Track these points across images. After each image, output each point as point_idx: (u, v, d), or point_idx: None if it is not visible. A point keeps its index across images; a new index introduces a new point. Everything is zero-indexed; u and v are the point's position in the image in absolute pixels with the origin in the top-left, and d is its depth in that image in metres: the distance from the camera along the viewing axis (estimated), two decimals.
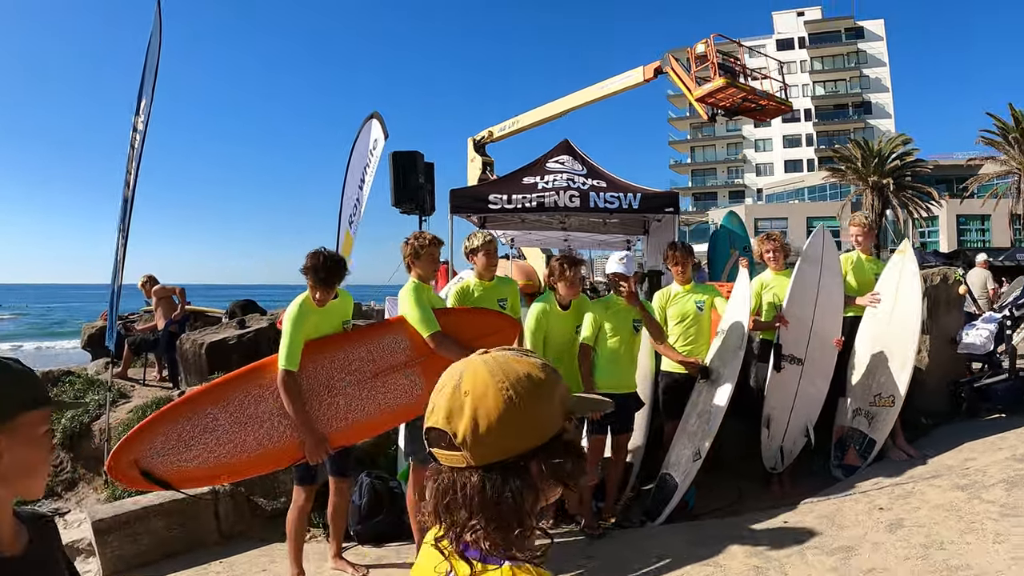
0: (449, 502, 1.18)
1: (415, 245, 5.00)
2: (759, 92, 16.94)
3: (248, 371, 4.50)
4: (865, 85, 72.46)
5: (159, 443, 4.15)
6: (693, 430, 5.87)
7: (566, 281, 5.54)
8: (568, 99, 17.35)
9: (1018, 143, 38.97)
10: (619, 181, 14.30)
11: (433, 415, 1.22)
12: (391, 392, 4.73)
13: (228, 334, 8.84)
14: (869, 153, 44.46)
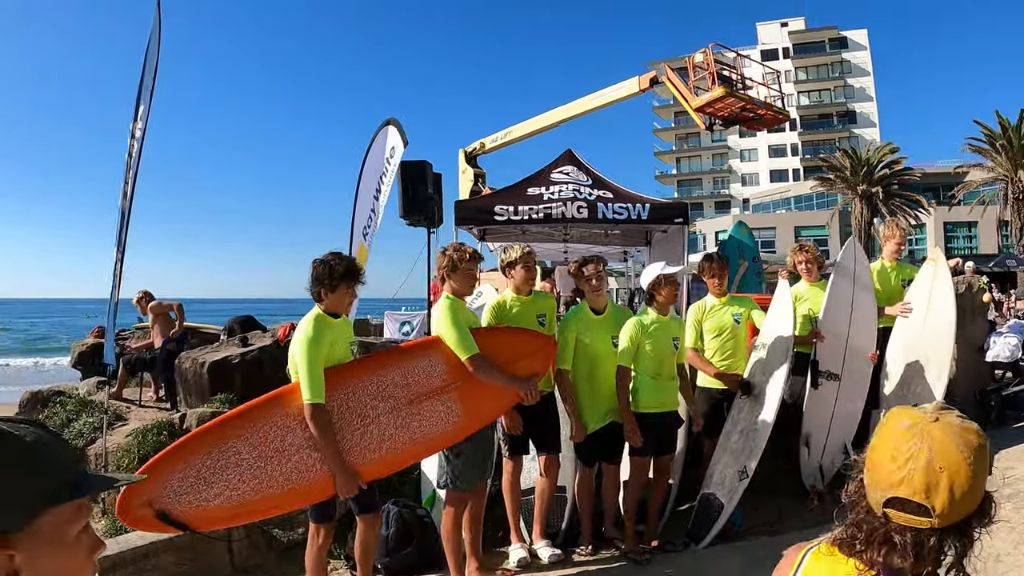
0: (891, 550, 1.33)
1: (453, 258, 4.70)
2: (758, 102, 16.87)
3: (273, 398, 4.10)
4: (849, 95, 72.84)
5: (176, 481, 3.74)
6: (736, 447, 5.65)
7: (586, 283, 5.32)
8: (561, 110, 17.15)
9: (1005, 150, 39.21)
10: (625, 191, 14.08)
11: (906, 487, 1.31)
12: (427, 420, 4.36)
13: (230, 352, 8.41)
14: (858, 162, 44.68)
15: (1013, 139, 39.02)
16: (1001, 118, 39.60)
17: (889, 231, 6.85)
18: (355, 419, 4.16)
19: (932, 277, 6.45)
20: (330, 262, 4.17)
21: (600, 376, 5.27)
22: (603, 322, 5.33)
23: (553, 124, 17.33)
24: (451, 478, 4.68)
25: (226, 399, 8.01)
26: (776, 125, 19.18)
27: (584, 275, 5.36)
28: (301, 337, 4.02)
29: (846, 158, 45.48)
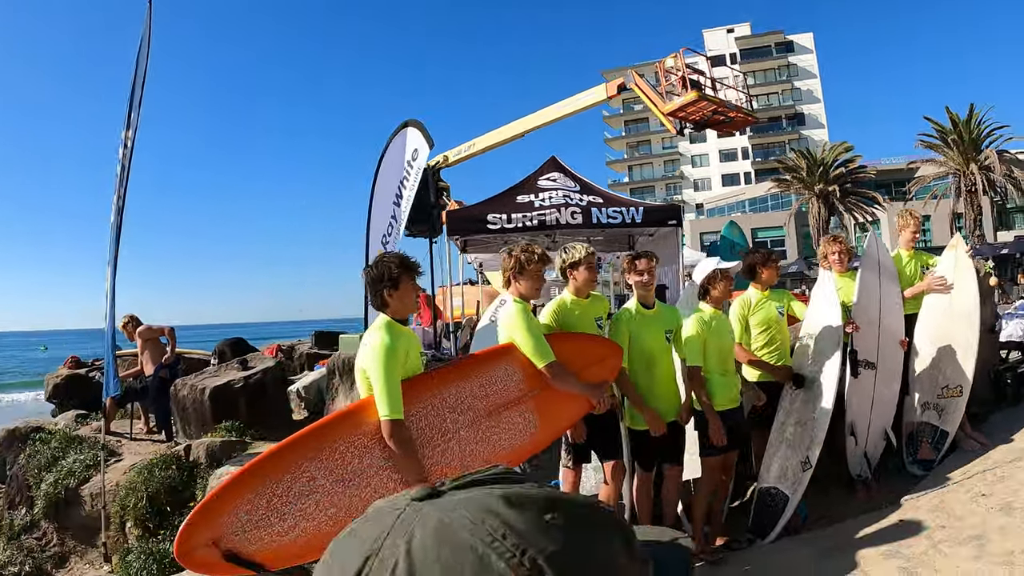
0: None
1: (521, 258, 4.38)
2: (729, 104, 16.89)
3: (346, 415, 3.63)
4: (797, 97, 74.13)
5: (245, 513, 3.26)
6: (794, 439, 5.56)
7: (637, 274, 5.05)
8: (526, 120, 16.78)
9: (957, 144, 40.23)
10: (614, 196, 13.97)
11: None
12: (506, 432, 3.97)
13: (232, 377, 7.89)
14: (813, 162, 45.30)
15: (964, 134, 40.08)
16: (951, 114, 40.72)
17: (903, 220, 6.78)
18: (435, 435, 3.73)
19: (953, 262, 6.54)
20: (382, 259, 3.81)
21: (657, 373, 5.04)
22: (654, 318, 5.11)
23: (518, 135, 16.94)
24: None
25: (232, 427, 7.51)
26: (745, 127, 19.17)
27: (636, 269, 5.08)
28: (375, 346, 3.57)
29: (802, 159, 46.10)
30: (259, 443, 7.29)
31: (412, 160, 6.31)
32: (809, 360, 5.80)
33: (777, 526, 5.27)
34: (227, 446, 7.01)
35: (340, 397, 7.58)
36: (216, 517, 3.22)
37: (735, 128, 18.38)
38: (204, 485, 6.49)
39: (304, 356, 11.82)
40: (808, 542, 5.02)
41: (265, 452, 3.43)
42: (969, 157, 40.10)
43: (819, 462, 5.99)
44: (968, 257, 6.67)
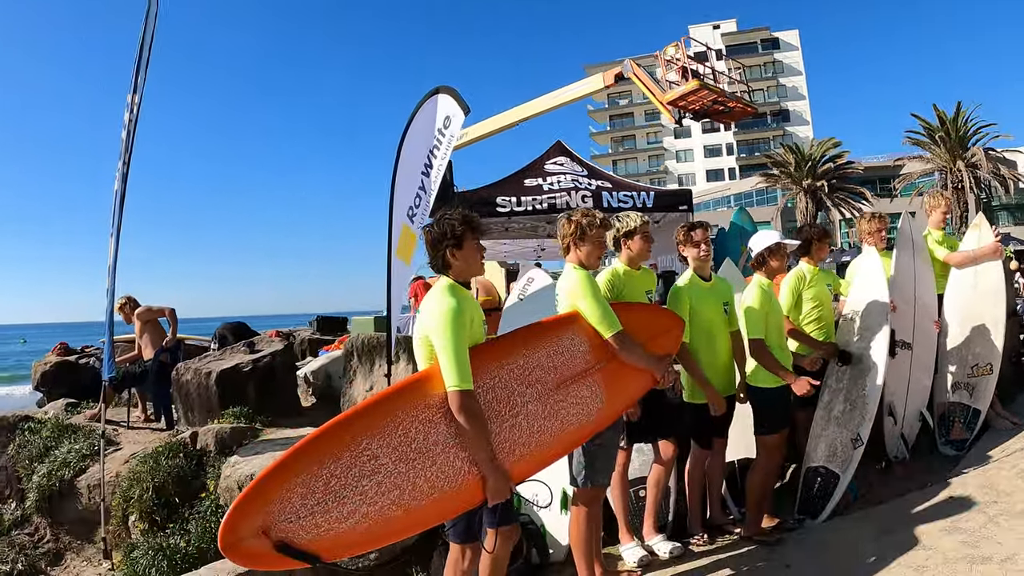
0: None
1: (582, 223, 4.05)
2: (729, 94, 16.78)
3: (409, 386, 3.23)
4: (783, 94, 74.58)
5: (299, 498, 2.86)
6: (842, 417, 5.44)
7: (694, 245, 4.89)
8: (521, 109, 16.48)
9: (944, 141, 40.55)
10: (623, 180, 13.72)
11: None
12: (573, 408, 3.58)
13: (240, 360, 7.43)
14: (801, 158, 45.34)
15: (951, 131, 40.42)
16: (939, 111, 41.13)
17: (935, 200, 6.78)
18: (504, 408, 3.34)
19: (977, 240, 6.58)
20: (444, 217, 3.46)
21: (718, 347, 4.87)
22: (712, 290, 4.92)
23: (512, 123, 16.67)
24: (591, 472, 4.02)
25: (240, 412, 7.06)
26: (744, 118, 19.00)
27: (693, 240, 4.91)
28: (441, 310, 3.20)
29: (790, 154, 46.15)
30: (270, 430, 6.87)
31: (444, 128, 5.86)
32: (856, 336, 5.68)
33: (829, 505, 5.13)
34: (237, 433, 6.56)
35: (358, 379, 7.16)
36: (267, 502, 2.83)
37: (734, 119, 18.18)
38: (216, 474, 6.05)
39: (306, 342, 11.36)
40: (863, 521, 4.88)
41: (321, 428, 3.02)
42: (956, 154, 40.43)
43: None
44: (991, 234, 6.61)
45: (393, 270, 6.09)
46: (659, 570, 4.52)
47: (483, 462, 3.12)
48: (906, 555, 4.12)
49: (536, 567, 4.72)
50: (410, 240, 6.06)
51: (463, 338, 3.15)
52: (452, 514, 3.18)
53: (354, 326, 10.83)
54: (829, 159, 45.48)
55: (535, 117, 16.37)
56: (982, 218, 6.90)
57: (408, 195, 6.01)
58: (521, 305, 5.84)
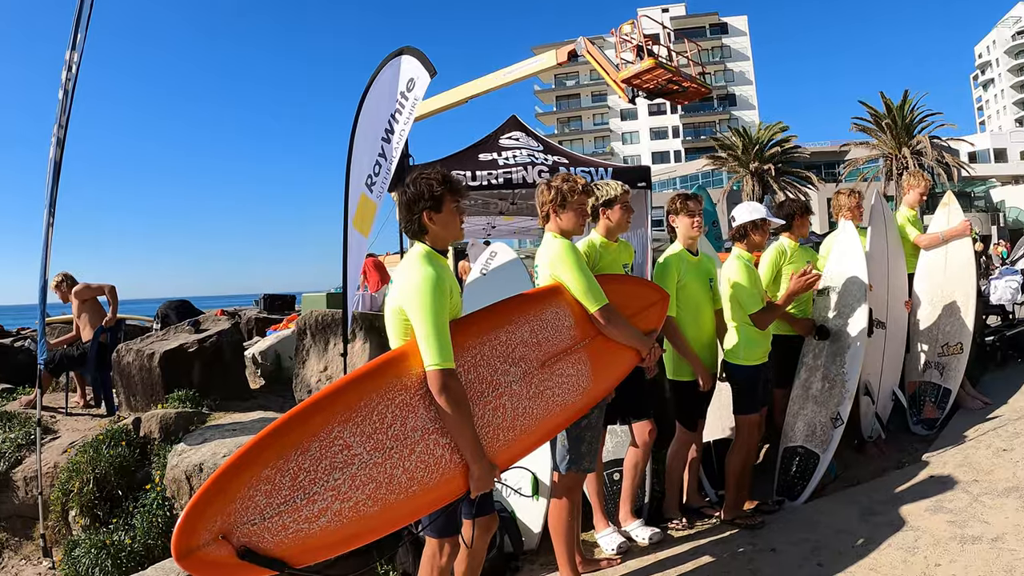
0: None
1: (562, 189, 3.79)
2: (684, 74, 16.72)
3: (383, 366, 2.89)
4: (730, 78, 75.15)
5: (263, 496, 2.54)
6: (820, 395, 5.32)
7: (689, 214, 4.72)
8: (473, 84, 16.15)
9: (890, 128, 41.33)
10: (579, 156, 13.49)
11: None
12: (559, 387, 3.31)
13: (185, 340, 7.01)
14: (749, 141, 45.75)
15: (897, 118, 41.28)
16: (886, 99, 42.06)
17: (915, 180, 6.75)
18: (487, 389, 3.05)
19: (946, 218, 6.58)
20: (421, 176, 3.11)
21: (702, 323, 4.75)
22: (699, 265, 4.76)
23: (463, 100, 16.33)
24: (575, 457, 3.79)
25: (185, 396, 6.65)
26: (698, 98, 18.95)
27: (689, 209, 4.72)
28: (419, 280, 2.88)
29: (738, 137, 46.57)
30: (218, 414, 6.47)
31: (408, 91, 5.51)
32: (833, 312, 5.55)
33: (809, 486, 5.00)
34: (183, 418, 6.14)
35: (312, 359, 6.81)
36: (227, 502, 2.50)
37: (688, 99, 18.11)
38: (161, 464, 5.63)
39: (253, 322, 10.90)
40: (846, 501, 4.77)
41: (286, 415, 2.68)
42: (901, 141, 41.32)
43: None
44: (960, 212, 6.65)
45: (350, 242, 5.74)
46: (639, 557, 4.33)
47: (467, 449, 2.83)
48: (895, 536, 4.04)
49: (509, 556, 4.48)
50: (369, 210, 5.72)
51: (444, 311, 2.85)
52: (432, 508, 2.87)
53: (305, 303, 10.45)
54: (776, 143, 45.99)
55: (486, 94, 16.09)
56: (951, 196, 6.89)
57: (367, 162, 5.67)
58: (485, 280, 5.57)
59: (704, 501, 5.09)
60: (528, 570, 4.42)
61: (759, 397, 4.76)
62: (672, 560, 4.22)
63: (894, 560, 3.79)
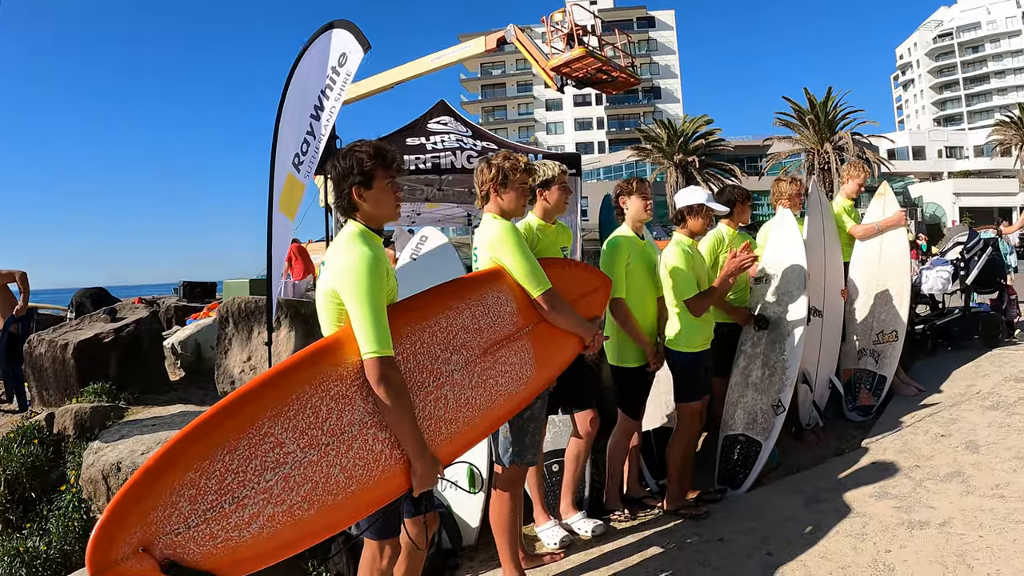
0: None
1: (504, 167, 3.60)
2: (614, 64, 16.82)
3: (316, 354, 2.65)
4: (655, 72, 76.29)
5: (186, 504, 2.29)
6: (760, 383, 5.26)
7: (643, 196, 4.62)
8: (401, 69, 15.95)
9: (813, 124, 42.53)
10: (508, 142, 13.39)
11: None
12: (502, 376, 3.12)
13: (100, 330, 6.61)
14: (674, 133, 46.44)
15: (820, 114, 42.49)
16: (809, 95, 43.33)
17: (855, 170, 6.82)
18: (427, 379, 2.84)
19: (882, 209, 6.69)
20: (352, 149, 2.85)
21: (646, 308, 4.60)
22: (645, 249, 4.63)
23: (390, 85, 16.15)
24: (519, 449, 3.62)
25: (102, 389, 6.25)
26: (627, 88, 19.09)
27: (642, 191, 4.64)
28: (354, 261, 2.65)
29: (662, 129, 47.21)
30: (137, 408, 6.11)
31: (339, 66, 5.22)
32: (772, 300, 5.51)
33: (752, 474, 4.95)
34: (99, 413, 5.75)
35: (234, 349, 6.47)
36: (146, 510, 2.24)
37: (617, 88, 18.24)
38: (77, 463, 5.23)
39: (172, 310, 10.40)
40: (790, 489, 4.73)
41: (210, 411, 2.42)
42: (824, 137, 42.56)
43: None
44: (895, 203, 6.76)
45: (275, 225, 5.44)
46: (583, 550, 4.18)
47: (408, 444, 2.63)
48: (843, 523, 4.03)
49: (448, 553, 4.31)
50: (296, 191, 5.43)
51: (381, 294, 2.63)
52: (372, 508, 2.65)
53: (226, 290, 10.04)
54: (701, 136, 46.84)
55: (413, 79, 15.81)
56: (886, 186, 6.99)
57: (294, 141, 5.37)
58: (415, 265, 5.36)
59: (645, 491, 5.00)
60: (467, 567, 4.25)
61: (701, 384, 4.67)
62: (617, 553, 4.09)
63: (844, 547, 3.76)
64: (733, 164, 47.02)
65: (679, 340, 4.56)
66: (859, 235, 6.57)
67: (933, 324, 7.84)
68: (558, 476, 4.73)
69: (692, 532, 4.24)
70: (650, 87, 76.17)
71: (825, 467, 5.09)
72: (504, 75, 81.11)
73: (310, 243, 13.91)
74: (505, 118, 79.92)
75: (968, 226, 8.33)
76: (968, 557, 3.48)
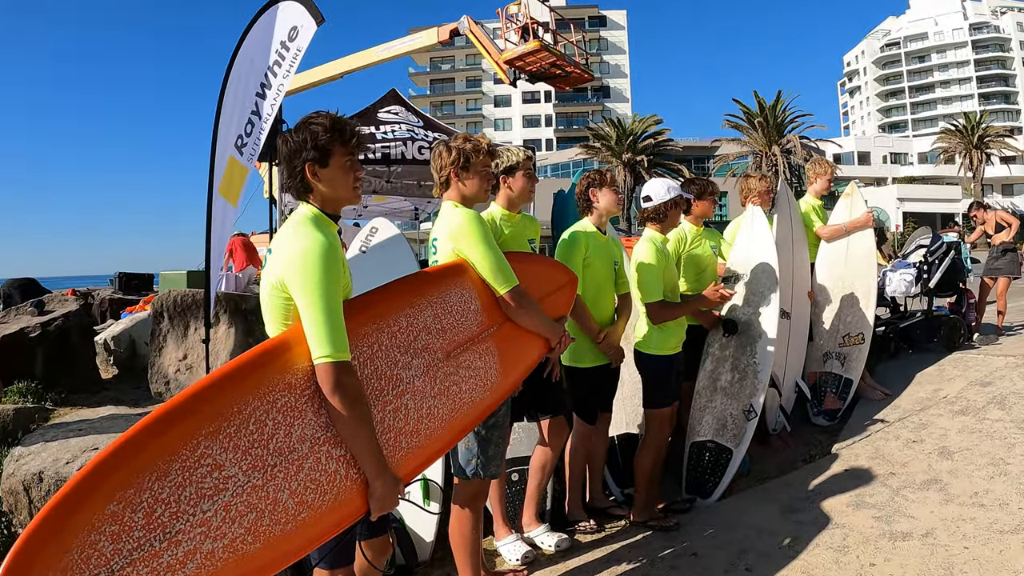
0: None
1: (465, 149, 3.31)
2: (569, 60, 16.72)
3: (263, 357, 2.30)
4: (605, 71, 76.96)
5: (107, 542, 1.91)
6: (730, 387, 5.09)
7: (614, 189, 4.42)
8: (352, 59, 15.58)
9: (762, 127, 43.19)
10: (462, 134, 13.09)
11: None
12: (467, 382, 2.83)
13: (26, 323, 6.19)
14: (623, 132, 46.70)
15: (769, 117, 43.22)
16: (759, 98, 44.17)
17: (820, 168, 6.77)
18: (386, 386, 2.52)
19: (848, 209, 6.61)
20: (307, 121, 2.50)
21: (602, 306, 4.37)
22: (607, 245, 4.41)
23: (339, 74, 15.76)
24: (483, 461, 3.33)
25: (27, 388, 5.81)
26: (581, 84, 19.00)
27: (612, 183, 4.43)
28: (304, 250, 2.31)
29: (612, 128, 47.46)
30: (64, 409, 5.69)
31: (289, 40, 4.84)
32: (742, 300, 5.30)
33: (723, 483, 4.79)
34: (23, 415, 5.32)
35: (169, 346, 6.06)
36: (62, 550, 1.85)
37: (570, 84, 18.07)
38: None
39: (106, 303, 9.85)
40: (763, 499, 4.59)
41: (133, 429, 2.05)
42: (772, 139, 43.25)
43: None
44: (862, 203, 6.67)
45: (215, 211, 5.05)
46: (547, 567, 3.92)
47: (367, 461, 2.31)
48: (822, 535, 3.89)
49: (401, 569, 3.99)
50: (238, 176, 5.04)
51: (336, 288, 2.32)
52: (326, 537, 2.30)
53: (163, 283, 9.58)
54: (650, 135, 47.19)
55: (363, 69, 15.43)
56: (854, 187, 6.89)
57: (237, 121, 4.99)
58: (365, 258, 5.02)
59: (610, 501, 4.74)
60: None
61: (672, 389, 4.45)
62: (585, 569, 3.85)
63: (826, 561, 3.59)
64: (681, 164, 47.41)
65: (651, 343, 4.34)
66: (826, 236, 6.47)
67: (895, 327, 7.83)
68: (518, 486, 4.47)
69: (663, 545, 4.02)
70: (599, 86, 76.91)
71: (798, 474, 4.97)
72: (453, 70, 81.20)
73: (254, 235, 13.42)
74: (453, 113, 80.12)
75: (931, 229, 8.29)
76: (955, 570, 3.36)
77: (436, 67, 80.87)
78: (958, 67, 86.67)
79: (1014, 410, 5.19)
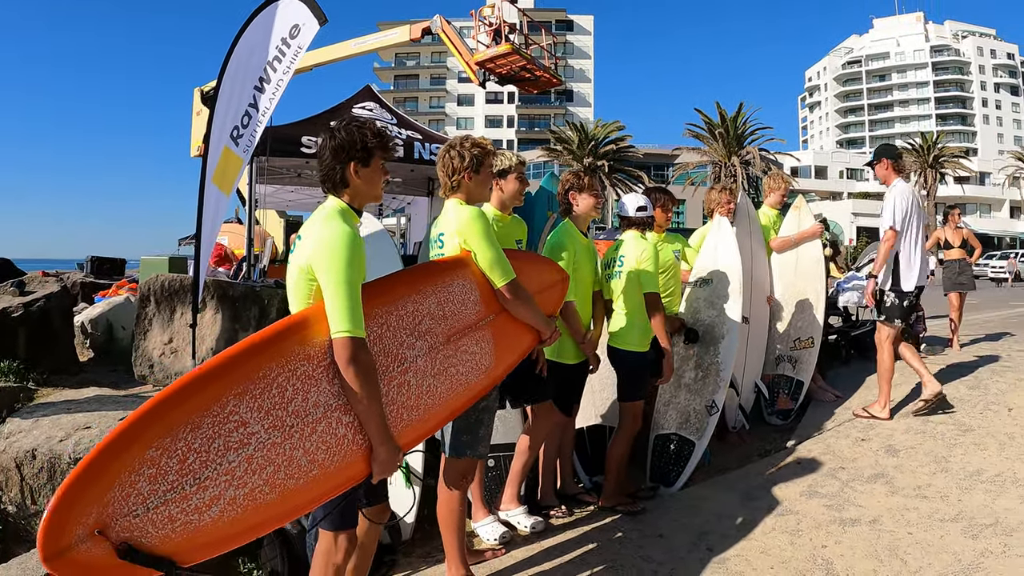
0: None
1: (474, 153, 3.50)
2: (539, 63, 16.84)
3: (288, 330, 2.52)
4: (569, 75, 77.26)
5: (145, 484, 2.14)
6: (693, 384, 5.36)
7: (594, 193, 4.52)
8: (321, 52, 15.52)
9: (722, 137, 43.75)
10: (432, 132, 13.26)
11: None
12: (463, 365, 3.06)
13: (8, 303, 6.19)
14: (585, 136, 47.02)
15: (730, 128, 43.79)
16: (721, 109, 44.70)
17: (775, 182, 7.08)
18: (392, 363, 2.75)
19: (798, 220, 6.87)
20: (353, 124, 2.78)
21: (585, 306, 4.53)
22: (588, 247, 4.58)
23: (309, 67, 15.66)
24: (471, 440, 3.54)
25: (9, 368, 5.84)
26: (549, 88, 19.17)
27: (593, 187, 4.56)
28: (334, 237, 2.56)
29: (574, 131, 47.76)
30: (47, 390, 5.71)
31: (290, 38, 4.97)
32: (707, 303, 5.61)
33: (685, 472, 5.03)
34: (8, 394, 5.35)
35: (155, 330, 6.13)
36: (104, 490, 2.08)
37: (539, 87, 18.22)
38: None
39: (78, 286, 9.80)
40: (723, 487, 4.86)
41: (172, 387, 2.27)
42: (732, 150, 43.85)
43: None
44: (810, 215, 6.97)
45: (207, 199, 5.18)
46: (524, 546, 4.14)
47: (373, 428, 2.53)
48: (777, 520, 4.17)
49: (385, 548, 4.17)
50: (232, 166, 5.18)
51: (359, 273, 2.55)
52: (330, 495, 2.53)
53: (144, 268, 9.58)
54: (612, 140, 47.53)
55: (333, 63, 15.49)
56: (802, 200, 7.17)
57: (234, 113, 5.13)
58: None
59: (579, 488, 4.98)
60: (405, 563, 4.14)
61: (644, 383, 4.67)
62: (559, 548, 4.08)
63: (782, 543, 3.87)
64: (641, 171, 47.83)
65: (629, 339, 4.55)
66: (776, 247, 6.78)
67: (847, 335, 8.19)
68: (495, 471, 4.68)
69: (631, 528, 4.27)
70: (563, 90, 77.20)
71: (755, 466, 5.25)
72: (419, 67, 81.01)
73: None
74: (416, 110, 79.72)
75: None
76: (900, 552, 3.65)
77: (401, 63, 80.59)
78: (917, 87, 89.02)
79: (956, 413, 5.54)
